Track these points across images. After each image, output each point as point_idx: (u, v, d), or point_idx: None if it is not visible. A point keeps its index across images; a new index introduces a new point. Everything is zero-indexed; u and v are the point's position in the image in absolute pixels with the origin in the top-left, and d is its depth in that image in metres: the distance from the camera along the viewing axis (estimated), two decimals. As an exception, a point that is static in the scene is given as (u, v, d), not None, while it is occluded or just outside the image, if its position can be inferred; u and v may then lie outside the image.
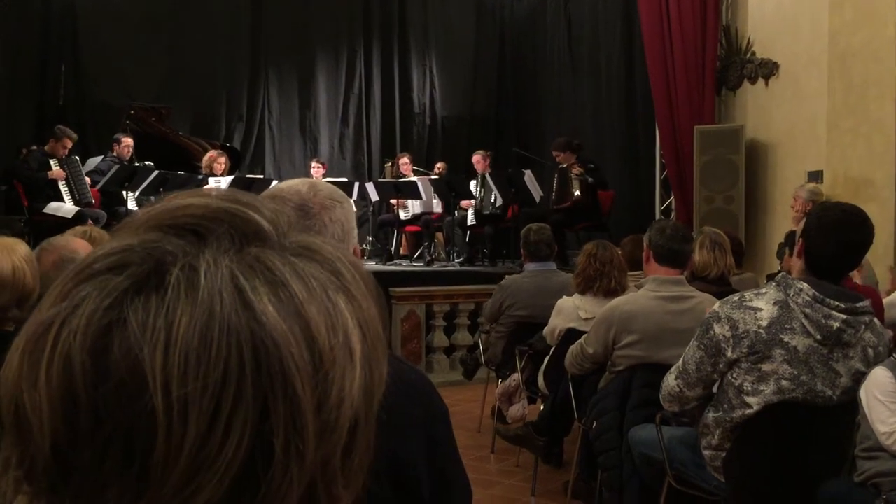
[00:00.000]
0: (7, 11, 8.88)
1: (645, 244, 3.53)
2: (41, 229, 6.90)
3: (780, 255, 5.42)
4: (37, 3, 9.62)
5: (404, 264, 8.80)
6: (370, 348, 0.49)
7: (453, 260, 8.72)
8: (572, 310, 4.18)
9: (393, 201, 9.06)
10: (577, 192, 8.07)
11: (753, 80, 7.62)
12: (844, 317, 2.52)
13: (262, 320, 0.44)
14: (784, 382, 2.55)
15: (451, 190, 8.65)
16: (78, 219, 7.13)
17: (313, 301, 0.46)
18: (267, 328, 0.44)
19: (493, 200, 8.59)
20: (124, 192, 7.93)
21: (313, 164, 9.85)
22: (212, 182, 8.32)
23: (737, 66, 7.74)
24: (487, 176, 8.57)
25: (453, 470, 1.35)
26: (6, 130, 8.83)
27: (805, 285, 2.54)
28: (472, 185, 8.74)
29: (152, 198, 7.99)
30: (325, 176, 9.68)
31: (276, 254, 0.47)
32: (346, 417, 0.47)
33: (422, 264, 8.64)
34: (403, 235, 9.74)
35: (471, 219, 8.77)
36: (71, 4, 9.93)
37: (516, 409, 4.70)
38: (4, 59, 9.04)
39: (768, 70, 7.43)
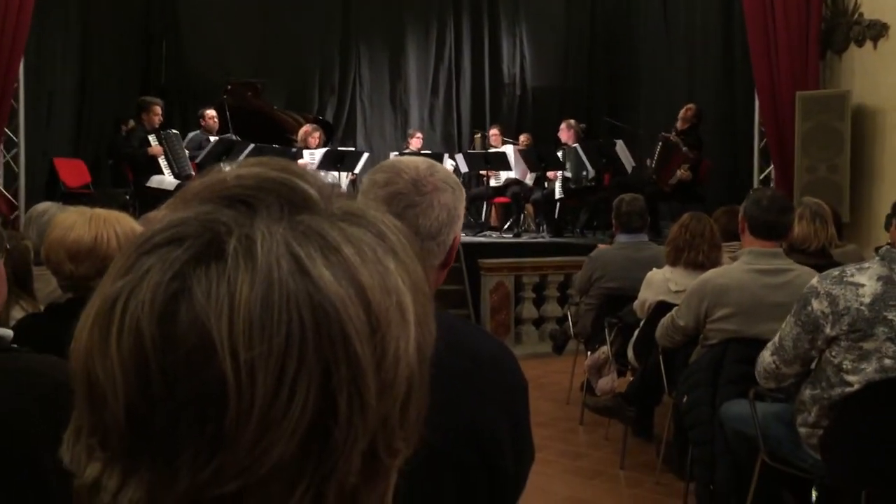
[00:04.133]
0: None
1: (741, 215, 3.43)
2: (146, 201, 7.22)
3: (887, 227, 5.17)
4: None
5: (494, 236, 8.81)
6: (420, 308, 0.50)
7: (542, 231, 8.66)
8: (662, 282, 4.11)
9: (483, 172, 9.04)
10: (680, 173, 7.86)
11: (861, 43, 7.24)
12: (955, 292, 2.40)
13: (319, 285, 0.45)
14: (887, 361, 2.45)
15: (541, 161, 8.57)
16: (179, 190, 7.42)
17: (365, 265, 0.47)
18: (324, 292, 0.45)
19: (584, 173, 8.45)
20: (222, 166, 8.18)
21: (414, 132, 9.97)
22: (306, 155, 8.50)
23: (843, 29, 7.36)
24: (577, 147, 8.44)
25: (526, 440, 1.39)
26: (113, 110, 9.23)
27: (912, 259, 2.43)
28: (559, 155, 8.64)
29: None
30: (421, 147, 9.75)
31: (325, 220, 0.48)
32: (402, 376, 0.48)
33: (511, 236, 8.63)
34: (493, 207, 9.74)
35: (559, 192, 8.68)
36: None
37: (605, 382, 4.66)
38: (110, 40, 9.41)
39: (877, 31, 7.04)
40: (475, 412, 1.27)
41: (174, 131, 8.26)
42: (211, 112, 8.74)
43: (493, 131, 9.88)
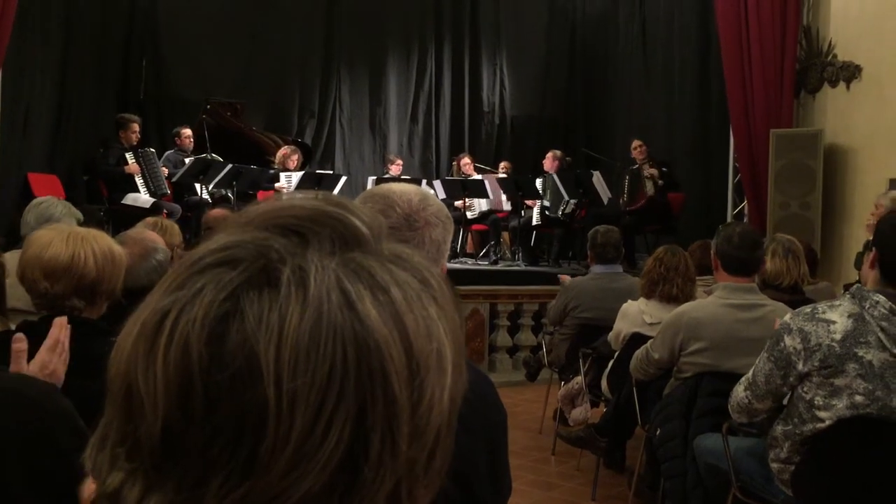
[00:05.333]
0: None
1: (712, 252, 3.46)
2: (120, 218, 7.15)
3: (857, 265, 5.25)
4: (121, 3, 9.94)
5: (469, 262, 8.81)
6: (456, 357, 0.51)
7: (518, 259, 8.70)
8: (637, 314, 4.13)
9: (459, 203, 9.03)
10: (649, 192, 8.02)
11: (834, 84, 7.39)
12: (924, 331, 2.43)
13: (366, 322, 0.46)
14: (858, 398, 2.47)
15: (519, 189, 8.62)
16: (154, 209, 7.35)
17: (410, 308, 0.48)
18: (370, 330, 0.46)
19: (563, 206, 8.50)
20: (198, 185, 8.13)
21: (393, 158, 9.95)
22: (283, 177, 8.48)
23: (817, 69, 7.52)
24: (555, 176, 8.51)
25: (504, 472, 1.38)
26: (91, 126, 9.16)
27: (881, 297, 2.46)
28: (538, 183, 8.69)
29: (224, 190, 8.18)
30: (401, 174, 9.74)
31: (375, 260, 0.49)
32: (434, 424, 0.49)
33: (487, 263, 8.64)
34: (469, 234, 9.76)
35: (536, 219, 8.72)
36: (153, 3, 10.24)
37: (578, 412, 4.66)
38: (91, 55, 9.36)
39: (850, 73, 7.20)
40: (455, 441, 1.26)
41: (151, 150, 8.22)
42: (187, 131, 8.70)
43: (465, 160, 9.87)
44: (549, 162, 8.98)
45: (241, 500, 0.43)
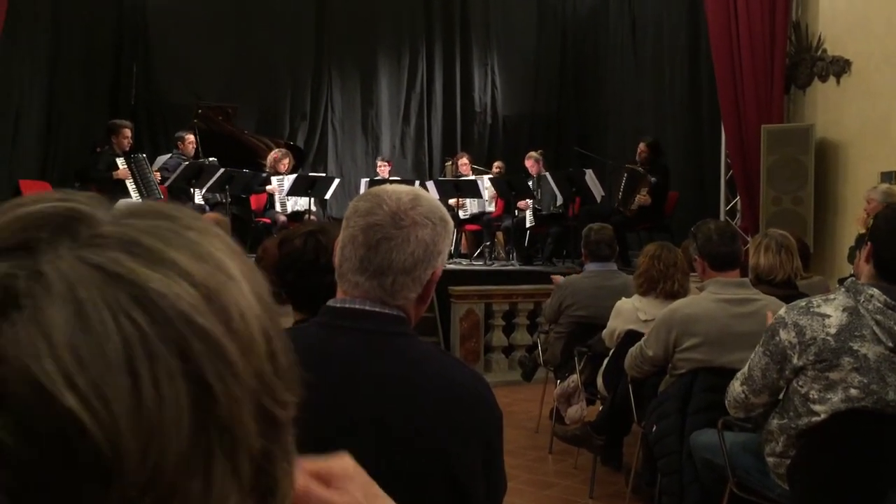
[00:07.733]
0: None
1: (696, 256, 3.48)
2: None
3: (850, 259, 5.26)
4: (109, 8, 9.92)
5: (464, 263, 8.81)
6: (242, 265, 0.48)
7: (512, 259, 8.70)
8: (632, 311, 4.13)
9: (452, 201, 9.04)
10: (640, 198, 7.98)
11: (824, 79, 7.41)
12: (918, 324, 2.44)
13: (131, 277, 0.42)
14: (853, 391, 2.47)
15: (512, 189, 8.63)
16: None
17: (170, 245, 0.45)
18: (139, 282, 0.42)
19: (553, 201, 8.52)
20: (191, 189, 8.11)
21: (379, 162, 9.94)
22: (275, 181, 8.47)
23: (807, 64, 7.54)
24: (547, 175, 8.51)
25: (499, 471, 1.38)
26: (82, 132, 9.13)
27: (876, 291, 2.46)
28: (530, 184, 8.70)
29: (218, 195, 8.16)
30: (390, 174, 9.73)
31: (110, 224, 0.45)
32: (256, 329, 0.46)
33: (481, 263, 8.64)
34: (463, 234, 9.76)
35: (530, 220, 8.73)
36: (142, 8, 10.22)
37: (575, 411, 4.67)
38: (80, 61, 9.34)
39: (840, 68, 7.22)
40: (450, 442, 1.26)
41: (142, 155, 8.20)
42: (191, 137, 8.68)
43: (463, 160, 9.89)
44: (534, 167, 8.98)
45: None
